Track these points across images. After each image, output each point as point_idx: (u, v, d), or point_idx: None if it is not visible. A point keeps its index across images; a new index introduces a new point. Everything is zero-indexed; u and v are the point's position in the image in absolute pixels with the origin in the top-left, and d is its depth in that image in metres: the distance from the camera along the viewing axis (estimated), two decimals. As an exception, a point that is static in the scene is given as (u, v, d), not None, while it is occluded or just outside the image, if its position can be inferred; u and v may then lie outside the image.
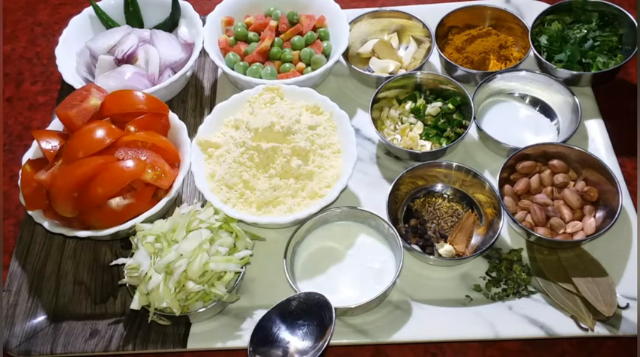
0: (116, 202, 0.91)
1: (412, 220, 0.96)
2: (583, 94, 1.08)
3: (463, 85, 1.05)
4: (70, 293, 0.95)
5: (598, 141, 1.04)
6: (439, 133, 1.04)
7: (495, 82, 1.07)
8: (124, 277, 0.86)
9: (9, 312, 0.93)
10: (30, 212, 0.93)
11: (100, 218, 0.90)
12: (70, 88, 1.07)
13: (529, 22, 1.12)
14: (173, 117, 1.02)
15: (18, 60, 1.30)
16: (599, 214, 0.92)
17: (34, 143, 0.99)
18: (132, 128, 0.96)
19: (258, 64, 1.12)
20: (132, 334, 0.89)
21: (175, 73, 1.11)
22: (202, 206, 0.92)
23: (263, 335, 0.81)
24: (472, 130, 1.05)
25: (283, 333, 0.81)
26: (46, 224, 0.92)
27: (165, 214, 0.96)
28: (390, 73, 1.11)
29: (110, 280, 0.96)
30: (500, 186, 0.94)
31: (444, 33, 1.16)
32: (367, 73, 1.12)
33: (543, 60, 1.08)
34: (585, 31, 1.12)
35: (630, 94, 1.11)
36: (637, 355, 0.83)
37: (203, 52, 1.12)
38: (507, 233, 0.95)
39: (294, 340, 0.81)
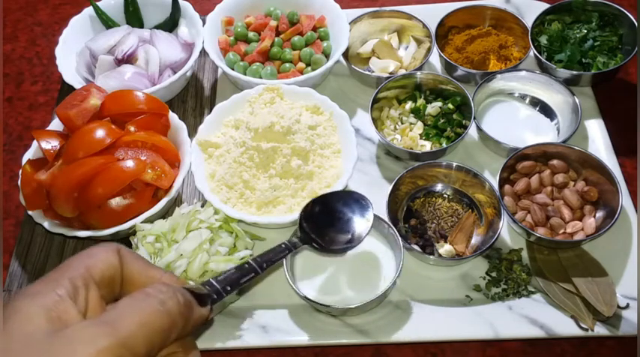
0: (116, 202, 0.91)
1: (412, 220, 0.96)
2: (583, 94, 1.08)
3: (463, 85, 1.05)
4: (70, 293, 0.95)
5: (598, 141, 1.04)
6: (439, 133, 1.04)
7: (495, 82, 1.07)
8: (123, 277, 0.86)
9: (9, 312, 0.93)
10: (30, 212, 0.93)
11: (100, 218, 0.90)
12: (70, 88, 1.07)
13: (529, 22, 1.12)
14: (173, 117, 1.02)
15: (18, 60, 1.30)
16: (599, 214, 0.92)
17: (34, 143, 0.99)
18: (132, 128, 0.96)
19: (258, 64, 1.12)
20: (132, 334, 0.89)
21: (175, 73, 1.11)
22: (202, 206, 0.92)
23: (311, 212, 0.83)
24: (472, 130, 1.05)
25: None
26: (46, 224, 0.92)
27: (165, 214, 0.96)
28: (390, 73, 1.11)
29: (110, 280, 0.95)
30: (500, 186, 0.94)
31: (444, 33, 1.16)
32: (367, 73, 1.12)
33: (543, 60, 1.08)
34: (585, 31, 1.12)
35: (630, 94, 1.11)
36: (637, 355, 0.83)
37: (203, 52, 1.12)
38: (507, 233, 0.95)
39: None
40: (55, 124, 1.02)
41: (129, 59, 1.11)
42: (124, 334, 0.39)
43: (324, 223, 0.83)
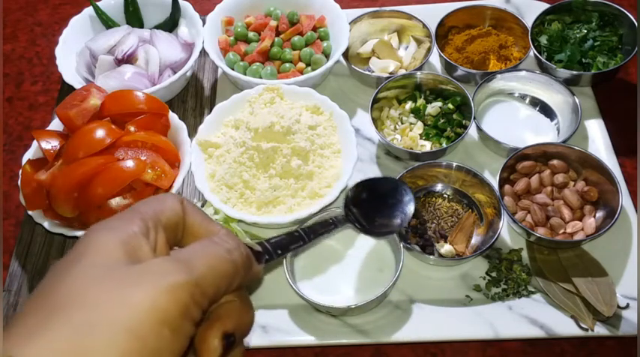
0: (116, 202, 0.91)
1: (412, 220, 0.96)
2: (583, 94, 1.08)
3: (463, 85, 1.05)
4: (70, 293, 0.95)
5: (598, 141, 1.04)
6: (439, 133, 1.04)
7: (495, 82, 1.07)
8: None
9: (9, 312, 0.93)
10: (30, 212, 0.93)
11: (100, 218, 0.90)
12: (70, 88, 1.07)
13: (529, 22, 1.12)
14: (173, 117, 1.02)
15: (18, 60, 1.30)
16: (599, 214, 0.92)
17: (34, 143, 0.99)
18: (132, 128, 0.96)
19: (258, 64, 1.12)
20: (132, 334, 0.89)
21: (175, 73, 1.11)
22: (202, 206, 0.92)
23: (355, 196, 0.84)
24: (472, 130, 1.05)
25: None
26: (46, 224, 0.92)
27: (165, 214, 0.96)
28: (390, 73, 1.11)
29: (110, 280, 0.95)
30: (500, 186, 0.94)
31: (444, 33, 1.16)
32: (367, 73, 1.12)
33: (543, 60, 1.08)
34: (585, 31, 1.12)
35: (630, 94, 1.11)
36: (637, 355, 0.83)
37: (203, 52, 1.12)
38: (507, 233, 0.95)
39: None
40: (55, 124, 1.02)
41: (129, 59, 1.11)
42: (196, 273, 0.40)
43: (370, 208, 0.83)
